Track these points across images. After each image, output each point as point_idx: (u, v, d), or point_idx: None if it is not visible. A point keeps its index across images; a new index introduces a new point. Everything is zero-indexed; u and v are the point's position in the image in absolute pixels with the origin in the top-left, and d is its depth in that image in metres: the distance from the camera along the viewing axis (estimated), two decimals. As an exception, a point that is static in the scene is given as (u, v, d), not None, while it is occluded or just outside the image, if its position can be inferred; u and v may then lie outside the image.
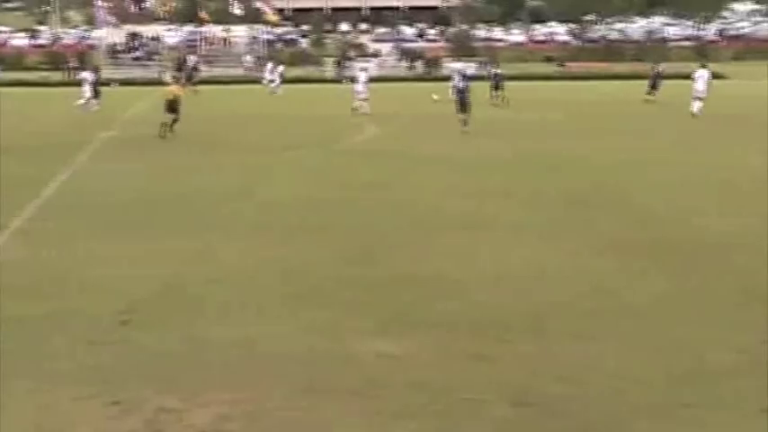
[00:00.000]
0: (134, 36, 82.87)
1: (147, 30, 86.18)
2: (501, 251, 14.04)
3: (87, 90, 42.58)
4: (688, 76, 45.41)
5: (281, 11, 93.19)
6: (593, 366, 9.08)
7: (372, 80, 42.56)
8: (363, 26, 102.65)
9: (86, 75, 44.66)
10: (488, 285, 12.08)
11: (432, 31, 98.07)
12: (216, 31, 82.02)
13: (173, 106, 30.74)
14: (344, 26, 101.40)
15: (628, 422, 7.79)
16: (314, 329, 10.22)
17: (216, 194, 19.09)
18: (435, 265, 13.16)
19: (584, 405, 8.12)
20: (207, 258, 13.62)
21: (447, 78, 49.43)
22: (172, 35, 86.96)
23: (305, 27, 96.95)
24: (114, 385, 8.50)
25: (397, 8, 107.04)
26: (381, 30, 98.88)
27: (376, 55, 76.69)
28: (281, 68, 57.36)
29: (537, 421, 7.83)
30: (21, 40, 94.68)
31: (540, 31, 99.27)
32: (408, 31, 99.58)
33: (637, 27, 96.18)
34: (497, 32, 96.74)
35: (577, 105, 43.54)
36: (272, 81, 54.80)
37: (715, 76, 41.23)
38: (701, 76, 37.00)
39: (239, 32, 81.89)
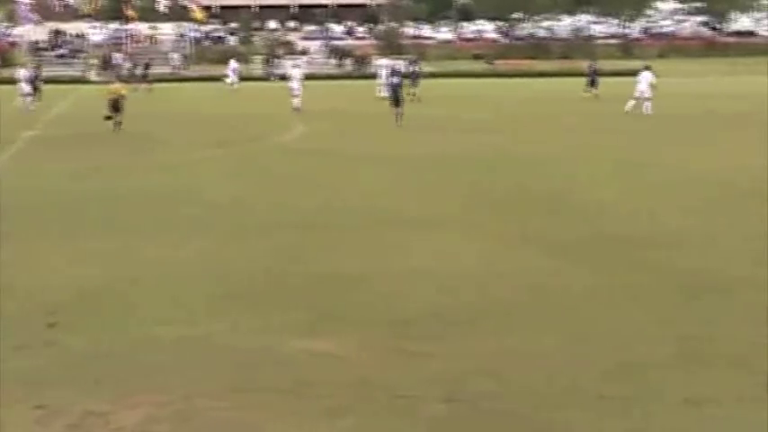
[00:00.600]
0: (57, 33, 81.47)
1: (71, 27, 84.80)
2: (433, 248, 14.08)
3: (25, 88, 41.86)
4: (615, 74, 46.04)
5: (207, 8, 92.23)
6: (524, 361, 9.15)
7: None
8: (292, 24, 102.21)
9: (23, 72, 43.83)
10: (419, 282, 12.11)
11: (360, 29, 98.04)
12: (142, 28, 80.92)
13: (116, 105, 30.76)
14: (273, 24, 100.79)
15: (556, 416, 7.87)
16: (245, 329, 10.15)
17: (142, 194, 18.85)
18: (367, 262, 13.15)
19: (515, 400, 8.18)
20: (134, 259, 13.44)
21: (374, 76, 49.70)
22: (96, 32, 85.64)
23: (233, 25, 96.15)
24: (40, 389, 8.35)
25: (325, 6, 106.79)
26: (310, 27, 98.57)
27: (305, 53, 76.38)
28: (236, 65, 56.58)
29: (469, 417, 7.86)
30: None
31: (469, 28, 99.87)
32: (337, 28, 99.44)
33: (564, 25, 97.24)
34: (426, 30, 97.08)
35: (511, 102, 43.86)
36: (233, 81, 53.86)
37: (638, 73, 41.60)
38: (645, 77, 37.34)
39: (166, 30, 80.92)
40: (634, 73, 38.66)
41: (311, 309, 10.92)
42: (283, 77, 48.94)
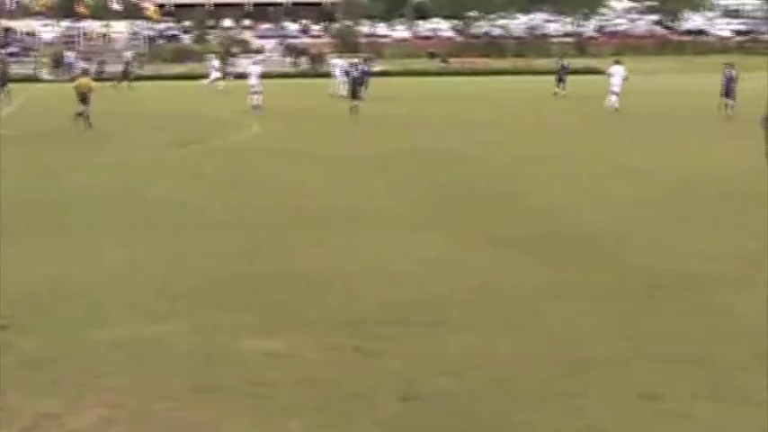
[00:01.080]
0: (8, 31, 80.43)
1: (22, 24, 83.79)
2: (386, 246, 14.08)
3: None
4: (572, 72, 46.29)
5: (162, 6, 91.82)
6: (479, 359, 9.17)
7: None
8: (247, 22, 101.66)
9: None
10: (373, 280, 12.10)
11: (316, 27, 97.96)
12: (95, 26, 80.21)
13: (84, 99, 30.92)
14: (227, 22, 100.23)
15: (512, 414, 7.89)
16: (200, 329, 10.08)
17: (97, 194, 18.69)
18: (321, 261, 13.13)
19: (470, 398, 8.20)
20: (89, 259, 13.31)
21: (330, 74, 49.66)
22: (48, 30, 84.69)
23: (187, 23, 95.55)
24: (-7, 391, 8.23)
25: (280, 4, 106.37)
26: (265, 26, 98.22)
27: (260, 51, 76.09)
28: (217, 63, 56.16)
29: (425, 416, 7.87)
30: None
31: (424, 27, 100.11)
32: (292, 26, 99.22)
33: (518, 23, 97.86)
34: (381, 28, 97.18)
35: (465, 100, 44.00)
36: (217, 78, 53.31)
37: (594, 71, 41.81)
38: (618, 71, 37.21)
39: (119, 28, 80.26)
40: (591, 71, 38.83)
41: (267, 308, 10.88)
42: (240, 76, 48.62)
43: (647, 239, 14.54)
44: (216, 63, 55.45)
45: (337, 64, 49.01)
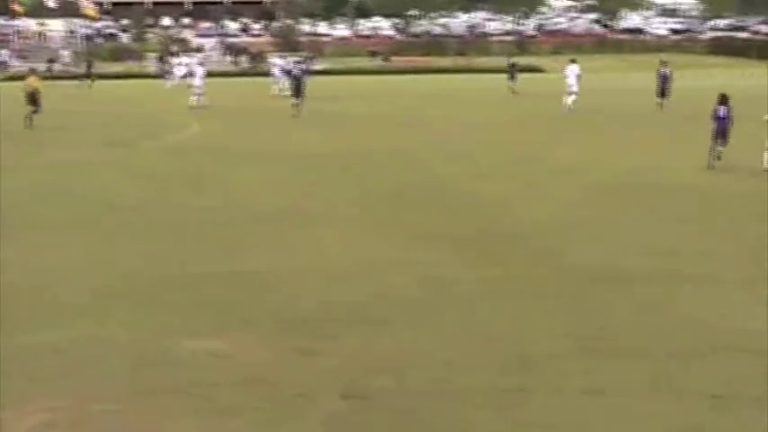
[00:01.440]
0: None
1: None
2: (330, 245, 14.04)
3: None
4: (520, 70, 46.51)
5: (99, 4, 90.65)
6: (420, 357, 9.18)
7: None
8: (186, 21, 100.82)
9: None
10: (315, 280, 12.07)
11: (256, 26, 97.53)
12: (30, 24, 78.94)
13: (34, 98, 30.69)
14: (167, 21, 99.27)
15: (454, 410, 7.91)
16: (141, 330, 9.97)
17: (33, 193, 18.38)
18: (262, 261, 13.05)
19: (412, 396, 8.21)
20: (24, 261, 13.07)
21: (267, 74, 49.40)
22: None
23: (125, 21, 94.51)
24: (-73, 397, 8.05)
25: (220, 2, 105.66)
26: (205, 24, 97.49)
27: (200, 50, 75.50)
28: (185, 59, 55.40)
29: (367, 414, 7.86)
30: None
31: (365, 25, 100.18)
32: (232, 25, 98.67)
33: (459, 22, 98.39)
34: (322, 27, 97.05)
35: (407, 99, 44.02)
36: (183, 76, 52.50)
37: (536, 69, 41.81)
38: (572, 71, 37.07)
39: (55, 26, 79.07)
40: (533, 69, 38.85)
41: (207, 308, 10.79)
42: (191, 74, 48.13)
43: (587, 237, 14.64)
44: (185, 60, 54.82)
45: (277, 63, 48.79)
